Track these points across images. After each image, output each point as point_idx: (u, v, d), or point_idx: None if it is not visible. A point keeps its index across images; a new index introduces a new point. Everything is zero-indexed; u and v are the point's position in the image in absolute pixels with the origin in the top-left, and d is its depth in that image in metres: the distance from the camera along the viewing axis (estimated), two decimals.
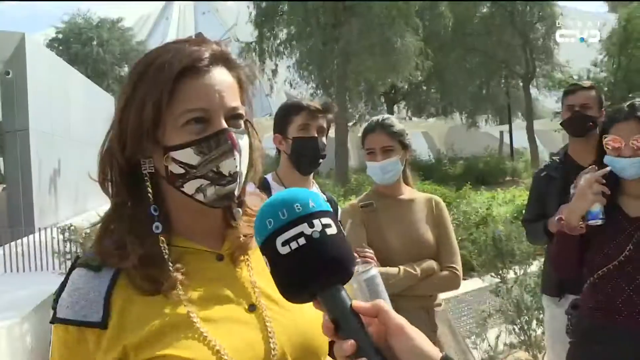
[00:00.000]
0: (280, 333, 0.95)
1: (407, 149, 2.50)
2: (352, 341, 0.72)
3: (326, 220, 0.78)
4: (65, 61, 17.44)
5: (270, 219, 0.78)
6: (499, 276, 5.03)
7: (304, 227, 0.76)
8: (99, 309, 0.89)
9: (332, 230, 0.78)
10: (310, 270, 0.76)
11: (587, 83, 3.08)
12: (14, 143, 12.24)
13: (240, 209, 1.04)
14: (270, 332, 0.94)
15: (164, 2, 65.12)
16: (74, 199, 15.15)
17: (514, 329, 4.62)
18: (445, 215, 2.52)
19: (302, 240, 0.76)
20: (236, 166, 0.95)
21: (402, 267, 2.33)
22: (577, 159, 2.92)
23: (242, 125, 0.98)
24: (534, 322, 4.58)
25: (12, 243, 8.57)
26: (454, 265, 2.41)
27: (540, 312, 4.52)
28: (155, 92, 0.91)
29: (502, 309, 4.62)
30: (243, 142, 0.97)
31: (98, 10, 37.78)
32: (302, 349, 0.97)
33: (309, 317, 1.00)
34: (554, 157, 3.11)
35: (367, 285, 1.63)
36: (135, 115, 0.93)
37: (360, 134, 2.68)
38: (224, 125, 0.94)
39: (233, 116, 0.96)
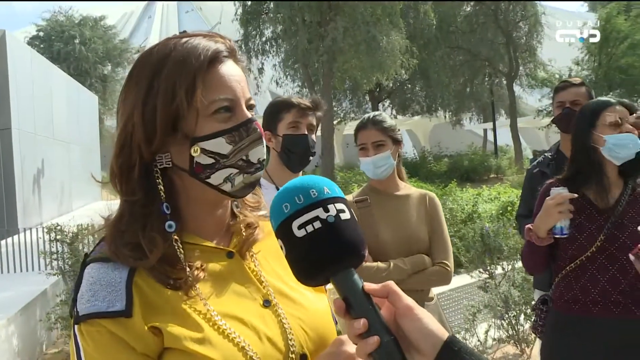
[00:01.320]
0: (295, 327, 0.97)
1: (398, 144, 2.53)
2: (364, 320, 0.75)
3: (340, 206, 0.81)
4: (47, 59, 17.22)
5: (287, 203, 0.81)
6: (487, 272, 5.08)
7: (319, 212, 0.79)
8: (121, 297, 0.87)
9: (346, 216, 0.81)
10: (326, 253, 0.78)
11: (577, 80, 3.11)
12: None
13: (238, 203, 1.06)
14: (287, 327, 0.95)
15: (146, 1, 64.65)
16: (58, 199, 15.00)
17: (502, 324, 4.67)
18: (439, 212, 2.55)
19: (317, 224, 0.79)
20: (264, 153, 0.97)
21: (392, 262, 2.36)
22: (568, 155, 2.96)
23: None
24: (522, 316, 4.64)
25: None
26: (445, 261, 2.44)
27: (528, 306, 4.59)
28: (186, 80, 0.90)
29: (490, 304, 4.67)
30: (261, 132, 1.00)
31: (80, 8, 37.34)
32: (317, 342, 0.98)
33: (317, 310, 1.02)
34: (546, 154, 3.14)
35: None
36: (164, 105, 0.90)
37: (344, 132, 2.71)
38: (249, 114, 0.96)
39: (249, 106, 0.98)
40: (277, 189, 2.52)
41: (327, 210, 0.80)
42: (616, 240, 2.08)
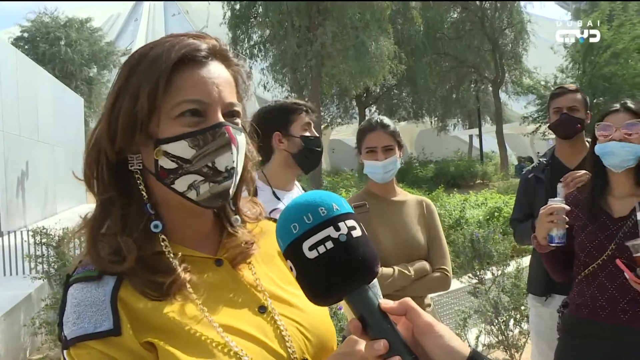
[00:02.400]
0: (294, 332, 0.94)
1: (401, 149, 2.56)
2: (384, 341, 0.72)
3: (351, 223, 0.78)
4: (32, 60, 17.03)
5: (295, 223, 0.77)
6: (476, 277, 5.10)
7: (330, 231, 0.76)
8: (107, 315, 0.83)
9: (357, 232, 0.78)
10: (340, 274, 0.75)
11: (572, 86, 3.13)
12: None
13: (238, 217, 1.01)
14: (284, 332, 0.92)
15: (132, 3, 64.37)
16: (43, 202, 14.80)
17: (492, 330, 4.68)
18: (436, 218, 2.57)
19: (329, 244, 0.75)
20: (233, 161, 0.90)
21: (396, 268, 2.35)
22: (564, 161, 2.99)
23: (240, 124, 0.95)
24: (511, 322, 4.65)
25: None
26: (444, 267, 2.45)
27: (517, 312, 4.60)
28: (150, 82, 0.87)
29: (480, 309, 4.68)
30: (241, 139, 0.93)
31: (66, 9, 37.03)
32: (317, 345, 0.95)
33: (316, 312, 0.99)
34: (541, 159, 3.16)
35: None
36: (128, 106, 0.88)
37: (331, 137, 2.71)
38: (221, 119, 0.90)
39: (230, 112, 0.93)
40: (274, 192, 2.47)
41: (338, 229, 0.76)
42: (626, 250, 2.08)
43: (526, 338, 4.70)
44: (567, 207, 2.16)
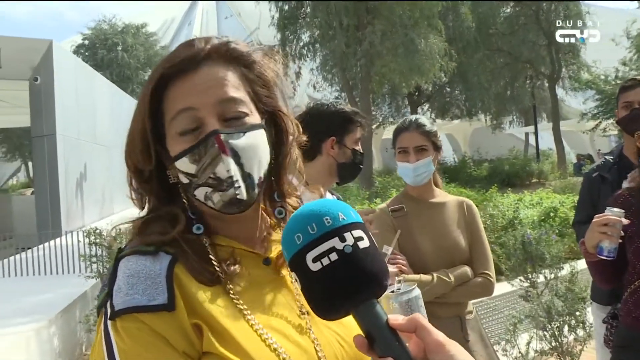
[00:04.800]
0: (331, 340, 0.92)
1: (438, 151, 2.43)
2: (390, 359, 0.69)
3: (358, 233, 0.74)
4: (91, 66, 17.69)
5: (299, 233, 0.74)
6: (528, 280, 4.92)
7: (335, 242, 0.73)
8: (162, 289, 0.81)
9: (364, 243, 0.74)
10: (344, 287, 0.72)
11: None
12: (41, 148, 12.42)
13: (282, 209, 1.00)
14: (320, 339, 0.90)
15: (187, 7, 65.86)
16: (100, 203, 15.34)
17: (545, 335, 4.50)
18: (478, 219, 2.44)
19: (333, 256, 0.72)
20: (228, 170, 0.88)
21: (435, 274, 2.26)
22: (633, 159, 2.78)
23: (249, 122, 0.92)
24: (566, 328, 4.46)
25: (40, 246, 8.69)
26: (487, 272, 2.34)
27: (572, 318, 4.41)
28: (145, 103, 0.90)
29: (532, 314, 4.51)
30: (244, 141, 0.90)
31: (123, 16, 38.34)
32: (352, 356, 0.92)
33: (353, 322, 0.96)
34: (606, 157, 2.97)
35: (410, 307, 1.49)
36: (138, 127, 0.92)
37: (383, 137, 2.63)
38: (214, 126, 0.88)
39: (233, 115, 0.90)
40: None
41: (343, 240, 0.73)
42: None
43: (582, 345, 4.50)
44: (625, 221, 1.99)
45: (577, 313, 4.35)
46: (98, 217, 14.10)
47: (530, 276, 4.92)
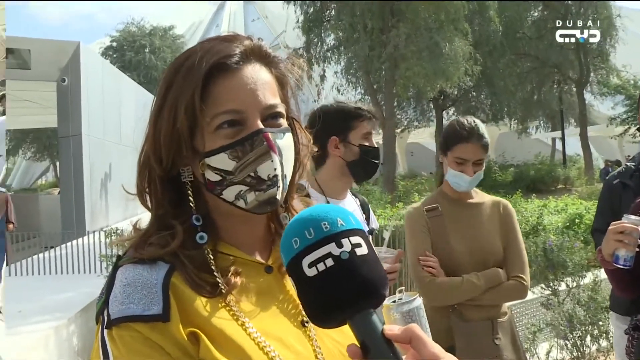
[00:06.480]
0: (332, 349, 0.90)
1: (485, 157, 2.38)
2: None
3: (356, 240, 0.73)
4: (118, 68, 17.95)
5: (297, 238, 0.73)
6: (549, 288, 4.82)
7: (331, 247, 0.71)
8: (158, 299, 0.80)
9: (362, 250, 0.72)
10: (339, 295, 0.70)
11: None
12: (67, 148, 12.63)
13: (287, 214, 0.99)
14: (318, 351, 0.89)
15: (214, 10, 66.46)
16: (124, 203, 15.51)
17: (566, 345, 4.40)
18: (514, 221, 2.37)
19: (329, 262, 0.70)
20: (275, 169, 0.88)
21: (465, 277, 2.22)
22: None
23: (284, 124, 0.92)
24: (588, 337, 4.35)
25: (63, 245, 8.83)
26: (521, 275, 2.27)
27: (595, 327, 4.30)
28: (185, 97, 0.86)
29: (553, 322, 4.41)
30: (284, 142, 0.90)
31: (151, 18, 38.90)
32: None
33: None
34: (628, 163, 2.87)
35: (411, 317, 1.45)
36: (169, 124, 0.88)
37: (408, 141, 2.57)
38: (259, 125, 0.88)
39: (271, 115, 0.90)
40: (327, 201, 2.38)
41: (340, 246, 0.71)
42: None
43: (605, 357, 4.38)
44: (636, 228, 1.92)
45: (600, 323, 4.24)
46: (122, 217, 14.28)
47: (551, 284, 4.82)
